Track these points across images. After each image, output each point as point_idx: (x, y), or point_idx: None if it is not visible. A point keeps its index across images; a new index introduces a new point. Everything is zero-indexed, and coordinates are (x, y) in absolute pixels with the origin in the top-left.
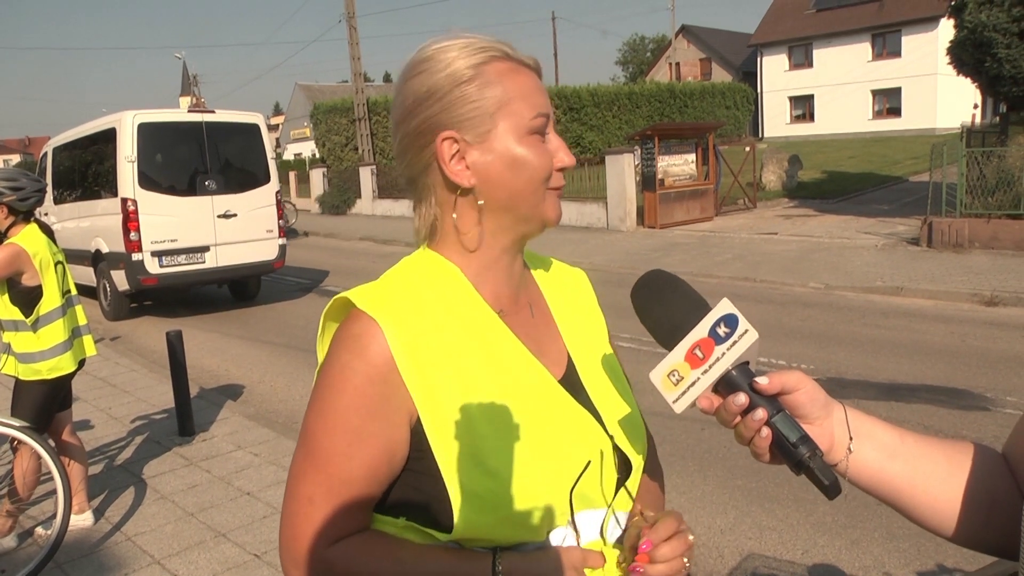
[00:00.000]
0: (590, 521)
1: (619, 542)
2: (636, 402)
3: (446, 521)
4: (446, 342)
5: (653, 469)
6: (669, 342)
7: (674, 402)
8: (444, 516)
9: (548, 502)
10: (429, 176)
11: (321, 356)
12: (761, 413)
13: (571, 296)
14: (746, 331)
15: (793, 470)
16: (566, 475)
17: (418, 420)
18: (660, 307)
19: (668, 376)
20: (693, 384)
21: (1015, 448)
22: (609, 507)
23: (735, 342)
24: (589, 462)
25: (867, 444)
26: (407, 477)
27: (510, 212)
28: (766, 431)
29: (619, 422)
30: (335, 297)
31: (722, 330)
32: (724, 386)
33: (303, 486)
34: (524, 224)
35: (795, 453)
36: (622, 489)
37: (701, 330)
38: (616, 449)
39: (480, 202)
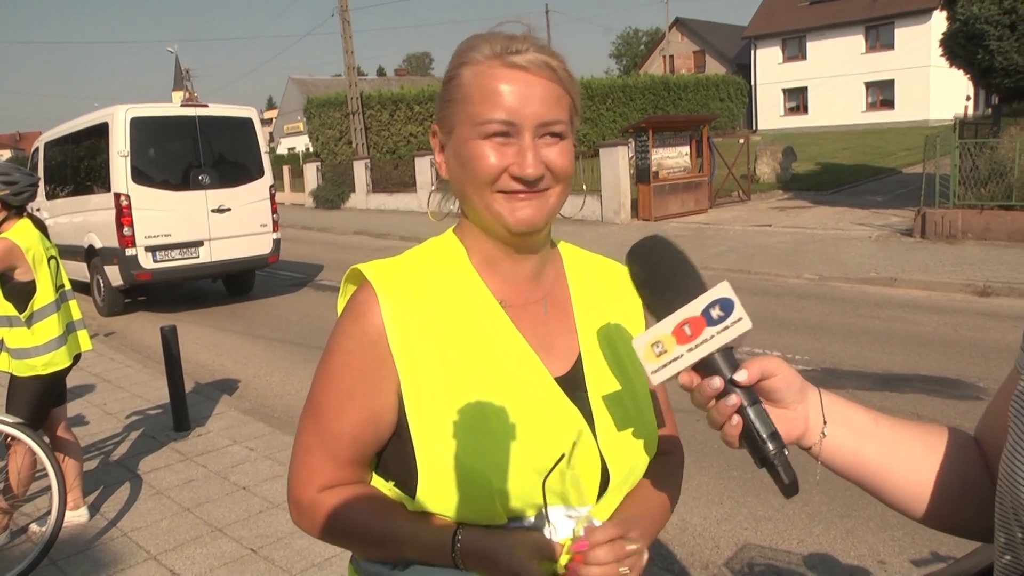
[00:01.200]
0: (565, 519)
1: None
2: (660, 412)
3: (415, 491)
4: (437, 322)
5: (657, 493)
6: (658, 311)
7: (652, 373)
8: (414, 485)
9: (515, 491)
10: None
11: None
12: (735, 399)
13: (606, 294)
14: (740, 319)
15: (756, 463)
16: (534, 467)
17: (401, 390)
18: (655, 274)
19: (652, 346)
20: (676, 359)
21: (985, 431)
22: (589, 509)
23: (727, 328)
24: (562, 455)
25: (841, 428)
26: (395, 442)
27: (470, 210)
28: (737, 419)
29: (615, 430)
30: (351, 267)
31: (716, 312)
32: (704, 367)
33: (303, 436)
34: (487, 223)
35: (762, 448)
36: (604, 496)
37: (694, 308)
38: (600, 456)
39: (456, 196)
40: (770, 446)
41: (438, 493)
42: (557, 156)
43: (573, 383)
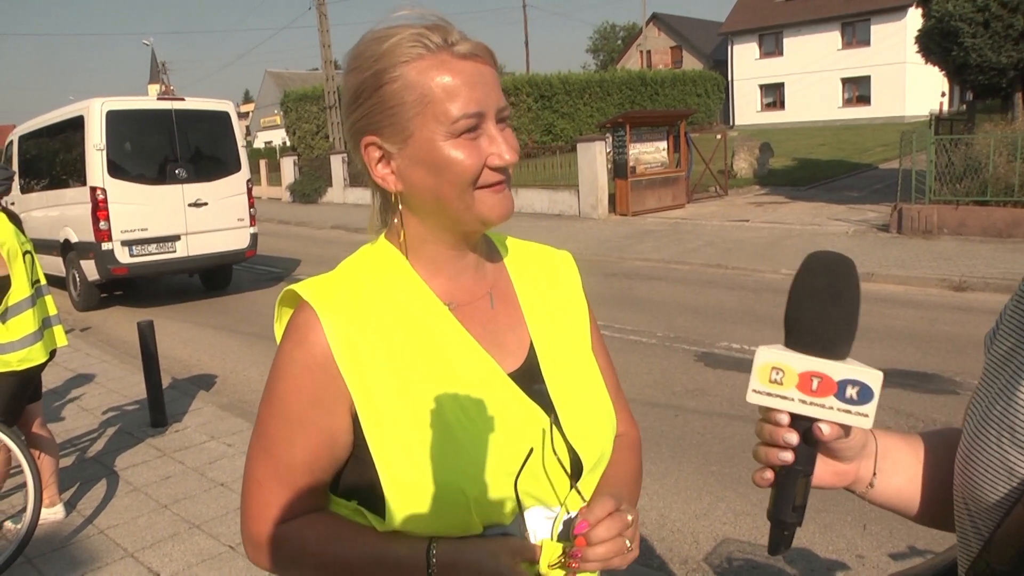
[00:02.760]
0: (542, 520)
1: (564, 537)
2: (609, 393)
3: (380, 509)
4: (385, 335)
5: (623, 465)
6: (799, 341)
7: (754, 391)
8: (382, 504)
9: (488, 497)
10: (370, 175)
11: (278, 342)
12: (790, 458)
13: (549, 282)
14: (866, 416)
15: (769, 517)
16: (505, 470)
17: (356, 410)
18: (819, 305)
19: (773, 368)
20: (783, 398)
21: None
22: (562, 506)
23: (848, 412)
24: (531, 450)
25: (887, 474)
26: (354, 463)
27: (440, 215)
28: (770, 474)
29: (578, 417)
30: (285, 288)
31: (851, 391)
32: (795, 419)
33: (253, 469)
34: (459, 225)
35: (783, 511)
36: (574, 489)
37: (836, 371)
38: (568, 446)
39: (412, 205)
40: (791, 517)
41: (409, 510)
42: (513, 139)
43: (529, 376)
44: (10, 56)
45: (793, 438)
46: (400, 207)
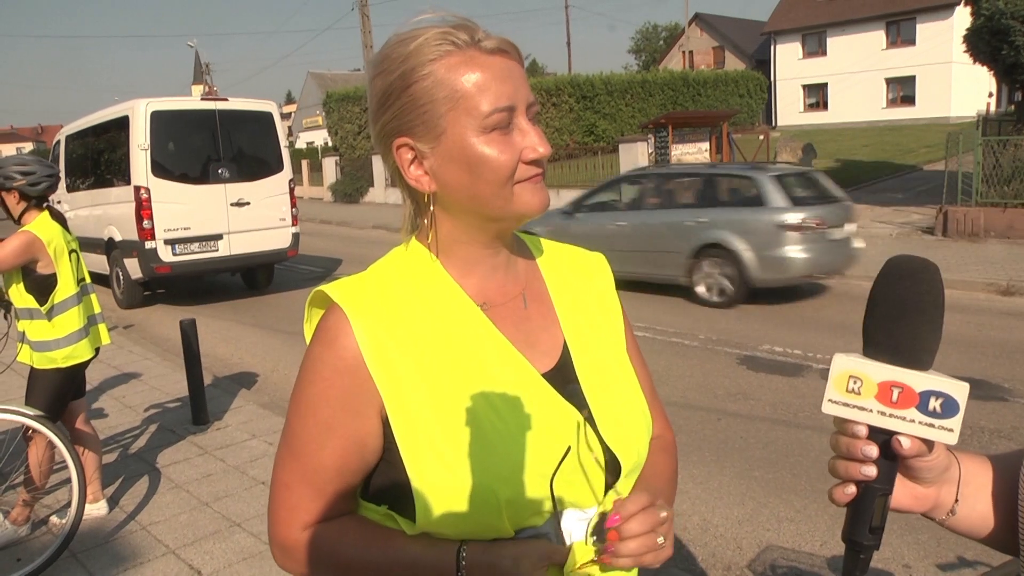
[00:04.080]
0: (575, 522)
1: (597, 531)
2: (645, 396)
3: (411, 514)
4: (416, 336)
5: (658, 467)
6: (880, 350)
7: (829, 400)
8: (412, 508)
9: (522, 499)
10: (401, 177)
11: (307, 343)
12: (873, 472)
13: (582, 283)
14: (951, 431)
15: (844, 538)
16: (539, 471)
17: (387, 412)
18: (901, 312)
19: (851, 378)
20: (860, 408)
21: None
22: (599, 506)
23: (931, 425)
24: (568, 449)
25: (967, 505)
26: (384, 467)
27: (477, 214)
28: (853, 489)
29: (614, 417)
30: (315, 290)
31: (934, 404)
32: (874, 431)
33: (281, 473)
34: (496, 222)
35: (859, 532)
36: (611, 491)
37: (918, 382)
38: (605, 447)
39: (447, 205)
40: (869, 539)
41: (440, 514)
42: (543, 135)
43: (563, 376)
44: (58, 58)
45: (873, 451)
46: (432, 208)
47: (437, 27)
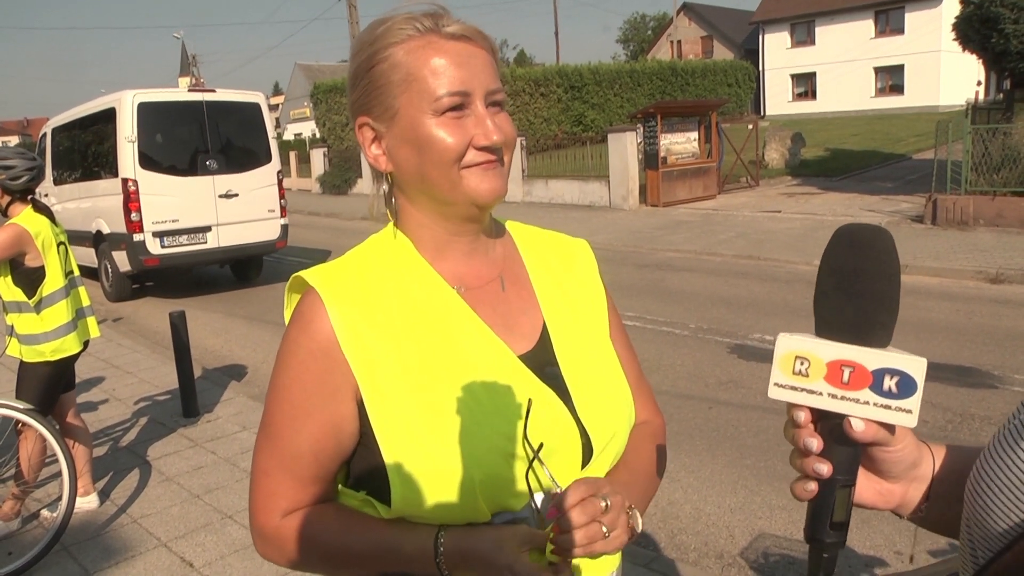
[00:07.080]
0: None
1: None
2: (630, 381)
3: (389, 500)
4: (392, 319)
5: (638, 451)
6: (829, 327)
7: (775, 384)
8: (388, 494)
9: (497, 482)
10: (364, 155)
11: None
12: (826, 470)
13: (563, 268)
14: (909, 412)
15: (805, 535)
16: (515, 454)
17: (362, 396)
18: (848, 283)
19: (797, 358)
20: (808, 391)
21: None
22: (542, 494)
23: (887, 407)
24: (530, 401)
25: (938, 506)
26: (362, 452)
27: (428, 195)
28: (813, 486)
29: (593, 400)
30: (293, 275)
31: (889, 383)
32: (823, 416)
33: (260, 458)
34: (449, 206)
35: (819, 529)
36: (588, 467)
37: (870, 359)
38: (582, 429)
39: (403, 187)
40: (832, 536)
41: (416, 498)
42: (506, 123)
43: (542, 358)
44: (43, 50)
45: (814, 443)
46: (394, 190)
47: (406, 13)
